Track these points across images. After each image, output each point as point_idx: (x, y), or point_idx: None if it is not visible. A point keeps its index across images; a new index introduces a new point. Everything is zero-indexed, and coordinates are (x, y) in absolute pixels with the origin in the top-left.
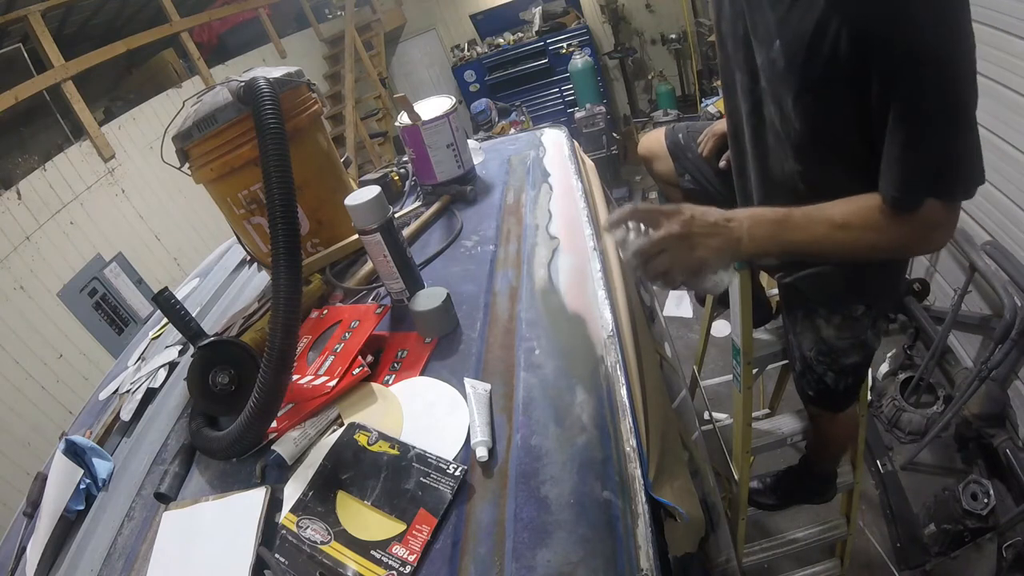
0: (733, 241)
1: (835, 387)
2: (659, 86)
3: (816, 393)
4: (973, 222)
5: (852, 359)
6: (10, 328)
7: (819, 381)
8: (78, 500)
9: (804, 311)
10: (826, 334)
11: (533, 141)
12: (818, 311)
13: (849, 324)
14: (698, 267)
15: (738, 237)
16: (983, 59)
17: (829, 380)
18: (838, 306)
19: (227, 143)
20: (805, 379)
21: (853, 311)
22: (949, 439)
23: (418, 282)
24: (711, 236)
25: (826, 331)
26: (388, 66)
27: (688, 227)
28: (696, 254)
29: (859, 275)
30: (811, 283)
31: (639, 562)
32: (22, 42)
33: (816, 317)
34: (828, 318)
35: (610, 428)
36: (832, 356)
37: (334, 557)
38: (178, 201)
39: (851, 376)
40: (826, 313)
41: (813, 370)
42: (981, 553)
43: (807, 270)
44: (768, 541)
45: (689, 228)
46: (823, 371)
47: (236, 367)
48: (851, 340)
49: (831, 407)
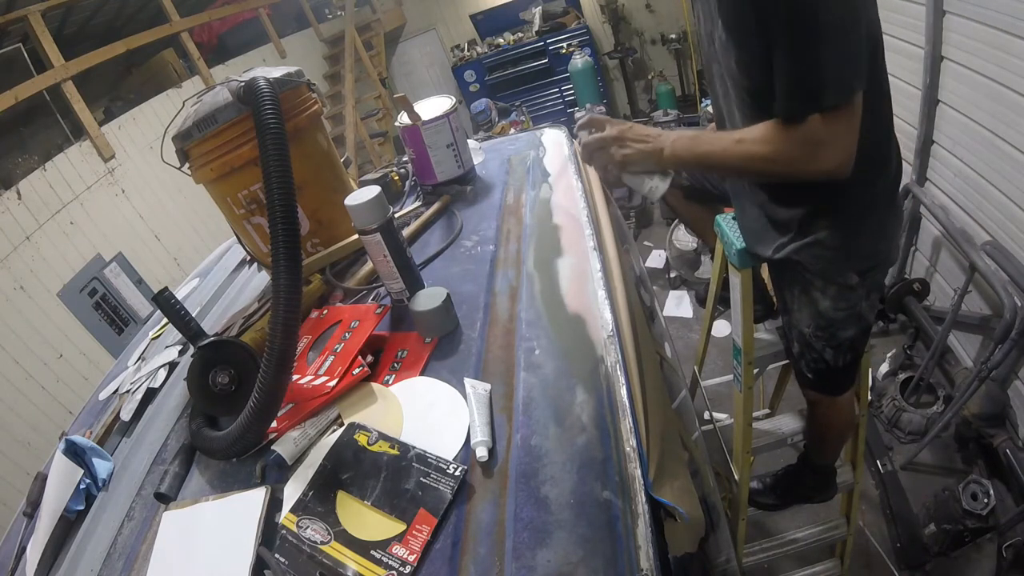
0: (657, 149)
1: (834, 364)
2: (659, 86)
3: (815, 374)
4: (973, 222)
5: (849, 331)
6: (10, 328)
7: (818, 359)
8: (78, 500)
9: (801, 287)
10: (823, 307)
11: (533, 141)
12: (814, 283)
13: (844, 294)
14: (624, 163)
15: (661, 147)
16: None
17: (828, 357)
18: (832, 275)
19: (227, 143)
20: (804, 360)
21: (848, 279)
22: (949, 439)
23: (418, 282)
24: (639, 142)
25: (823, 303)
26: (388, 66)
27: (622, 132)
28: (623, 152)
29: (848, 237)
30: (806, 254)
31: (639, 562)
32: (22, 42)
33: (812, 290)
34: (824, 289)
35: (610, 428)
36: (830, 330)
37: (334, 557)
38: (178, 201)
39: (849, 352)
40: (822, 284)
41: (812, 347)
42: (981, 553)
43: (801, 240)
44: (768, 541)
45: (623, 133)
46: (822, 347)
47: (236, 367)
48: (847, 311)
49: (830, 389)
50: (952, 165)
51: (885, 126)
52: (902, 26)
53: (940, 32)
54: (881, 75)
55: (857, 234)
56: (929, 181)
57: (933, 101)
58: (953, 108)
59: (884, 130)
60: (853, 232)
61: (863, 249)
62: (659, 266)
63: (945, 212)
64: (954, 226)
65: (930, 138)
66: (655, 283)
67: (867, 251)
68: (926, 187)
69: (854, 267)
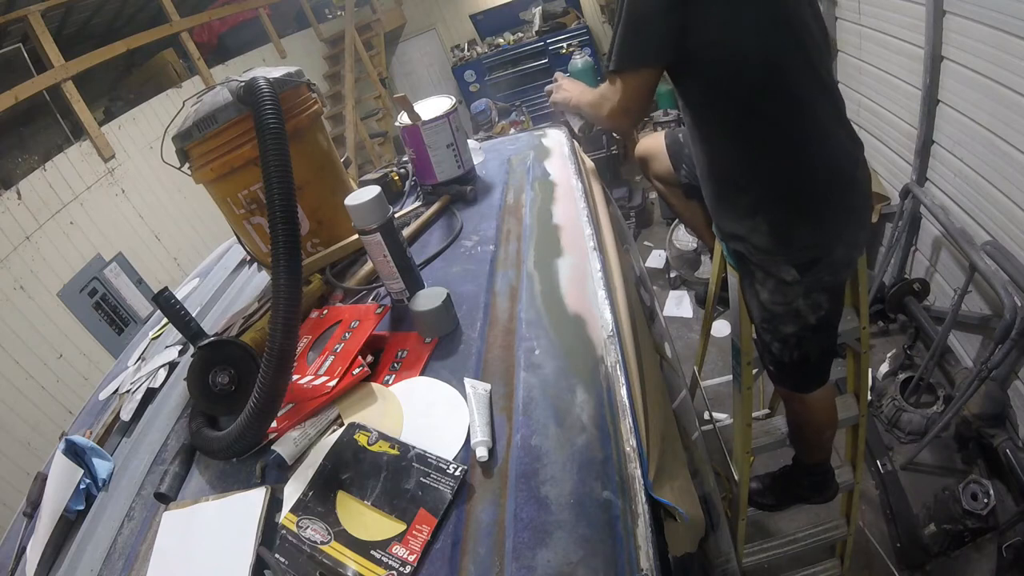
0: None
1: (781, 358)
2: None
3: (774, 367)
4: (973, 222)
5: (789, 328)
6: (10, 328)
7: (768, 352)
8: (78, 500)
9: (748, 278)
10: (763, 298)
11: (533, 141)
12: (755, 274)
13: (781, 289)
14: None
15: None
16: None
17: (775, 350)
18: (769, 267)
19: (227, 143)
20: (761, 353)
21: (784, 273)
22: (949, 439)
23: (418, 282)
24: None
25: (763, 295)
26: (388, 66)
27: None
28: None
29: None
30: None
31: (639, 562)
32: (22, 42)
33: (755, 282)
34: (763, 281)
35: (610, 428)
36: (772, 323)
37: (334, 557)
38: (178, 201)
39: (795, 349)
40: (762, 276)
41: (762, 339)
42: (981, 553)
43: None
44: (768, 541)
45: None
46: (769, 340)
47: (236, 367)
48: (783, 306)
49: (793, 384)
50: (952, 165)
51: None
52: (902, 26)
53: (940, 32)
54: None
55: (789, 224)
56: (929, 181)
57: (933, 101)
58: (953, 108)
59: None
60: (785, 222)
61: (796, 241)
62: (659, 266)
63: (945, 212)
64: (954, 226)
65: (930, 138)
66: (655, 283)
67: (802, 243)
68: (926, 187)
69: (790, 260)
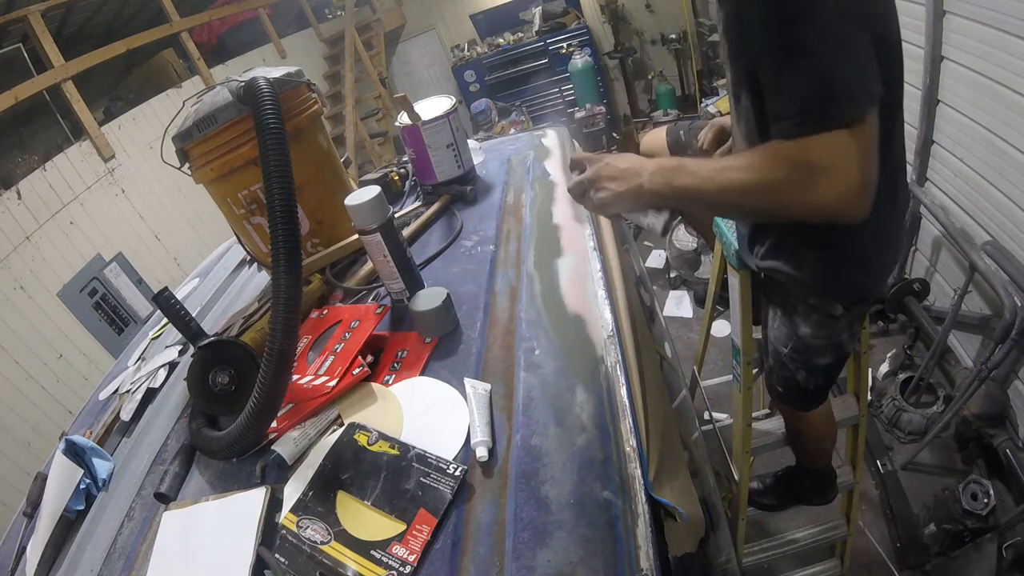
0: (635, 186)
1: (805, 386)
2: (659, 86)
3: (785, 390)
4: (973, 222)
5: (826, 359)
6: (10, 328)
7: (790, 379)
8: (78, 500)
9: (783, 308)
10: (802, 332)
11: (533, 141)
12: (797, 308)
13: (827, 323)
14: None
15: (640, 183)
16: (983, 59)
17: (800, 378)
18: (817, 303)
19: (227, 143)
20: (775, 375)
21: (832, 309)
22: (949, 439)
23: (418, 282)
24: (615, 180)
25: (803, 329)
26: (388, 66)
27: (597, 173)
28: (599, 196)
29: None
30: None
31: (639, 562)
32: (22, 42)
33: (794, 314)
34: (806, 316)
35: (610, 428)
36: (806, 354)
37: (334, 557)
38: (178, 201)
39: (822, 377)
40: (804, 311)
41: (786, 367)
42: (981, 553)
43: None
44: (768, 541)
45: (598, 173)
46: (795, 368)
47: (236, 367)
48: (827, 340)
49: (799, 406)
50: (952, 165)
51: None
52: (902, 26)
53: (940, 32)
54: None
55: (844, 267)
56: (929, 181)
57: (933, 101)
58: (953, 108)
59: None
60: (841, 263)
61: (851, 281)
62: (659, 266)
63: (945, 212)
64: (954, 226)
65: (930, 138)
66: (655, 283)
67: (856, 284)
68: (926, 187)
69: (840, 298)
